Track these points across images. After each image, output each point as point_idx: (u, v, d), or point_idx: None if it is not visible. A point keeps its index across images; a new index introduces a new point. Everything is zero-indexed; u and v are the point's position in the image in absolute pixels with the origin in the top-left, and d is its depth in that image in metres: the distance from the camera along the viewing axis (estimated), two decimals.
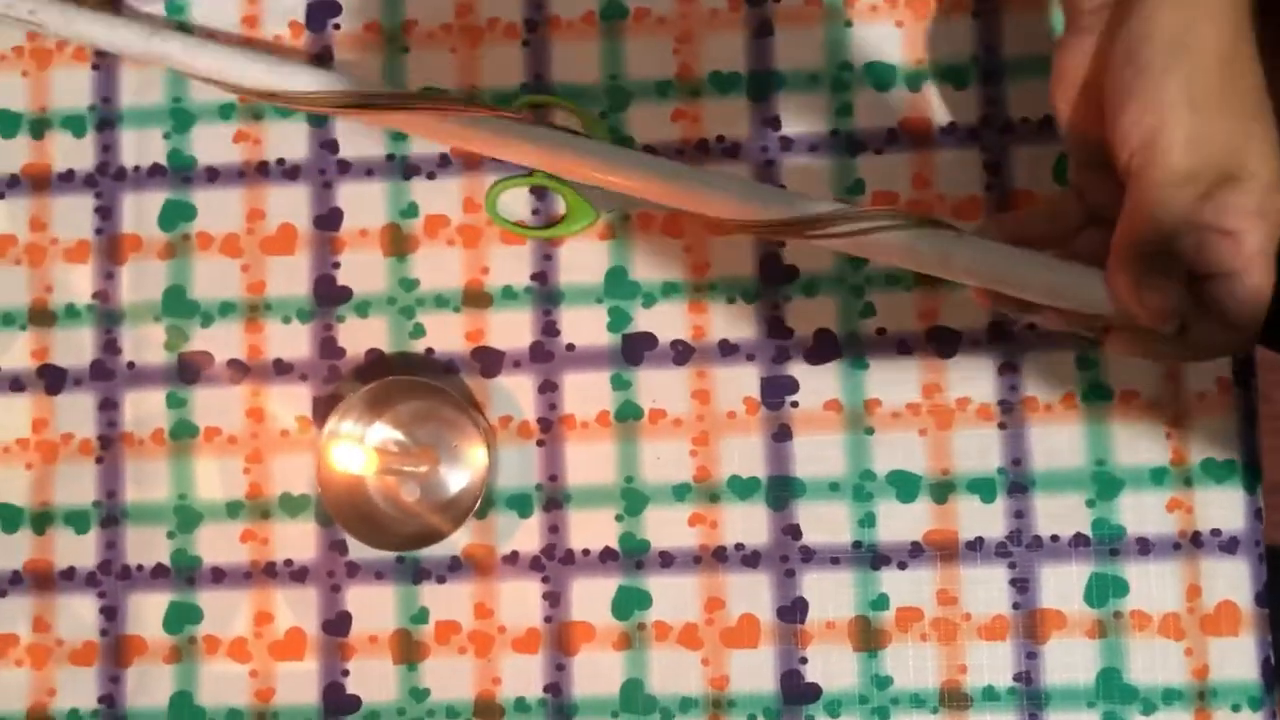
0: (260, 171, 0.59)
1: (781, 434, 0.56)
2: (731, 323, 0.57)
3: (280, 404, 0.58)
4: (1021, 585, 0.55)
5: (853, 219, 0.48)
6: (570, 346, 0.57)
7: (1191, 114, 0.40)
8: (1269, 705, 0.53)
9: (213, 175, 0.59)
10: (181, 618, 0.57)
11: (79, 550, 0.58)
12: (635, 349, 0.57)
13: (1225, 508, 0.54)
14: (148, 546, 0.58)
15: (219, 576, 0.57)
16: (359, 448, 0.49)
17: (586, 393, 0.57)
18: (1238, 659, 0.53)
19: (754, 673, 0.55)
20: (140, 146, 0.59)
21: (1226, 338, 0.43)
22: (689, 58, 0.58)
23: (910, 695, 0.54)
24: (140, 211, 0.59)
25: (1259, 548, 0.54)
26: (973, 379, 0.55)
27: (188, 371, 0.58)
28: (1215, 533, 0.54)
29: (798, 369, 0.56)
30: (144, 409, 0.58)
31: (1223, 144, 0.41)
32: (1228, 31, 0.41)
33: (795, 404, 0.56)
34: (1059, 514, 0.55)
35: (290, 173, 0.59)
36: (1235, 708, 0.53)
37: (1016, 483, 0.55)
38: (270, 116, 0.59)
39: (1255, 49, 0.42)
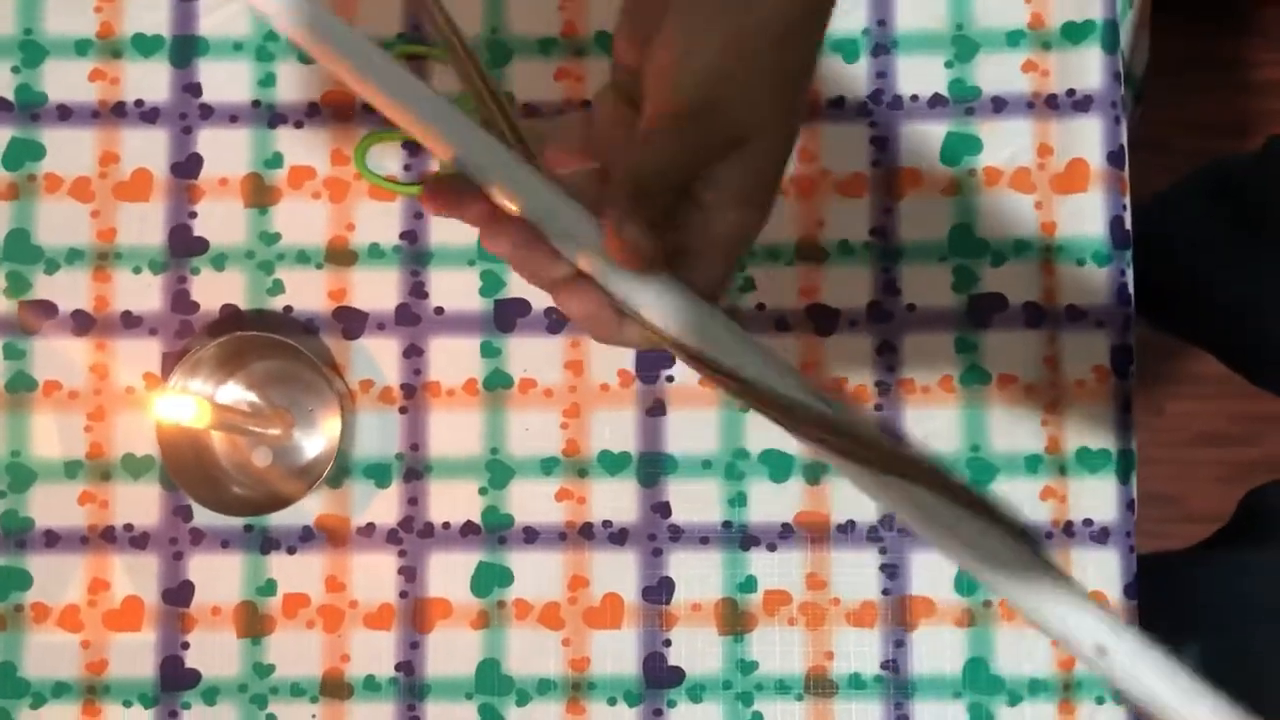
0: (116, 112, 0.55)
1: (655, 409, 0.54)
2: None
3: (127, 359, 0.54)
4: (892, 571, 0.53)
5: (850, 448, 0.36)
6: (439, 310, 0.55)
7: (721, 53, 0.35)
8: None
9: (64, 114, 0.55)
10: (8, 583, 0.54)
11: None
12: (507, 315, 0.55)
13: (1098, 498, 0.53)
14: None
15: (52, 540, 0.54)
16: (189, 397, 0.46)
17: (454, 359, 0.54)
18: None
19: (616, 655, 0.53)
20: None
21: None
22: (574, 14, 0.55)
23: (775, 681, 0.53)
24: None
25: (1129, 539, 0.53)
26: (850, 359, 0.54)
27: (27, 322, 0.55)
28: (1087, 523, 0.53)
29: None
30: None
31: (742, 98, 0.36)
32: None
33: (670, 379, 0.54)
34: None
35: (149, 115, 0.55)
36: (1100, 701, 0.52)
37: None
38: (130, 55, 0.56)
39: (818, 30, 0.38)
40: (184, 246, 0.55)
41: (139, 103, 0.55)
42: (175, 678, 0.53)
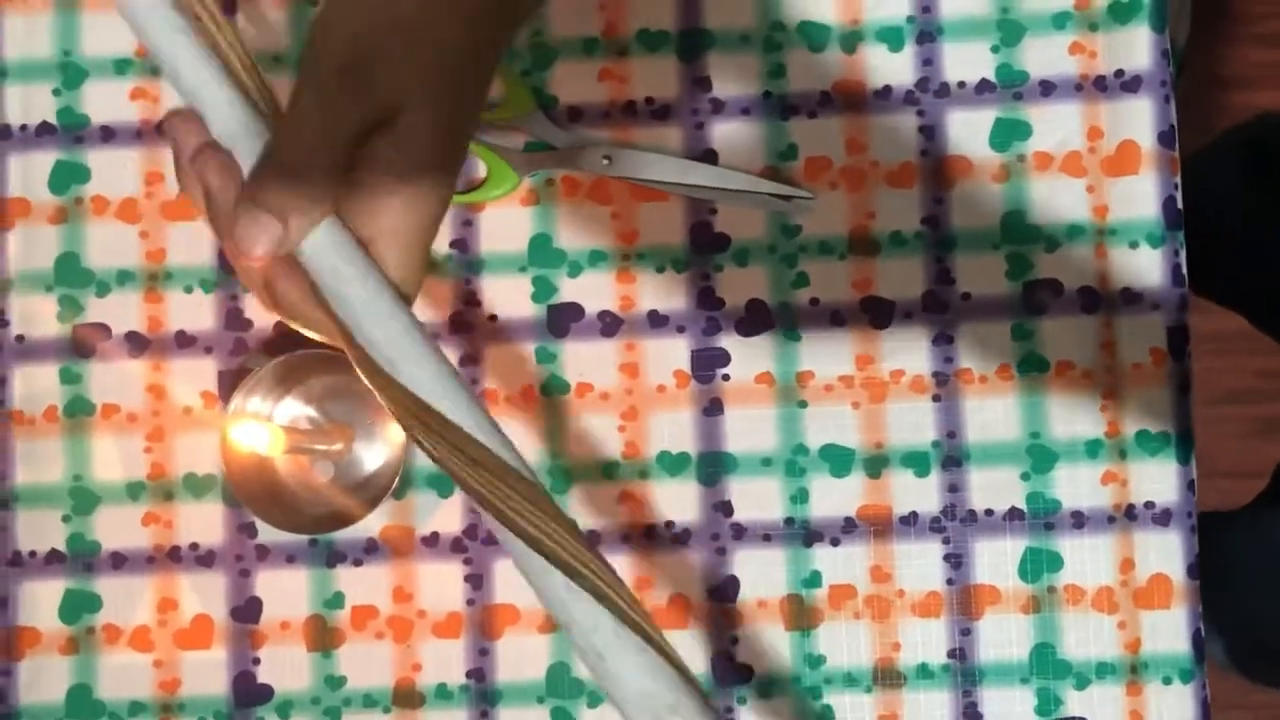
0: (159, 131, 0.55)
1: (713, 408, 0.54)
2: (661, 293, 0.55)
3: (183, 379, 0.54)
4: (955, 561, 0.53)
5: None
6: (492, 318, 0.55)
7: (371, 15, 0.34)
8: (1199, 677, 0.53)
9: (108, 135, 0.55)
10: (79, 606, 0.54)
11: None
12: (561, 320, 0.55)
13: (1159, 480, 0.53)
14: (41, 531, 0.54)
15: (119, 562, 0.54)
16: (263, 425, 0.47)
17: (509, 366, 0.54)
18: (1169, 631, 0.53)
19: (684, 654, 0.52)
20: (27, 103, 0.55)
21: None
22: (615, 14, 0.55)
23: (844, 674, 0.53)
24: (28, 173, 0.55)
25: (1191, 519, 0.53)
26: (907, 350, 0.54)
27: (82, 345, 0.55)
28: (1149, 505, 0.53)
29: (729, 341, 0.54)
30: (35, 385, 0.55)
31: (391, 66, 0.34)
32: None
33: (726, 377, 0.54)
34: (993, 488, 0.54)
35: None
36: (1166, 680, 0.53)
37: (951, 456, 0.54)
38: None
39: (497, 17, 0.37)
40: None
41: None
42: (248, 693, 0.54)
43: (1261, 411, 1.25)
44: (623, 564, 0.54)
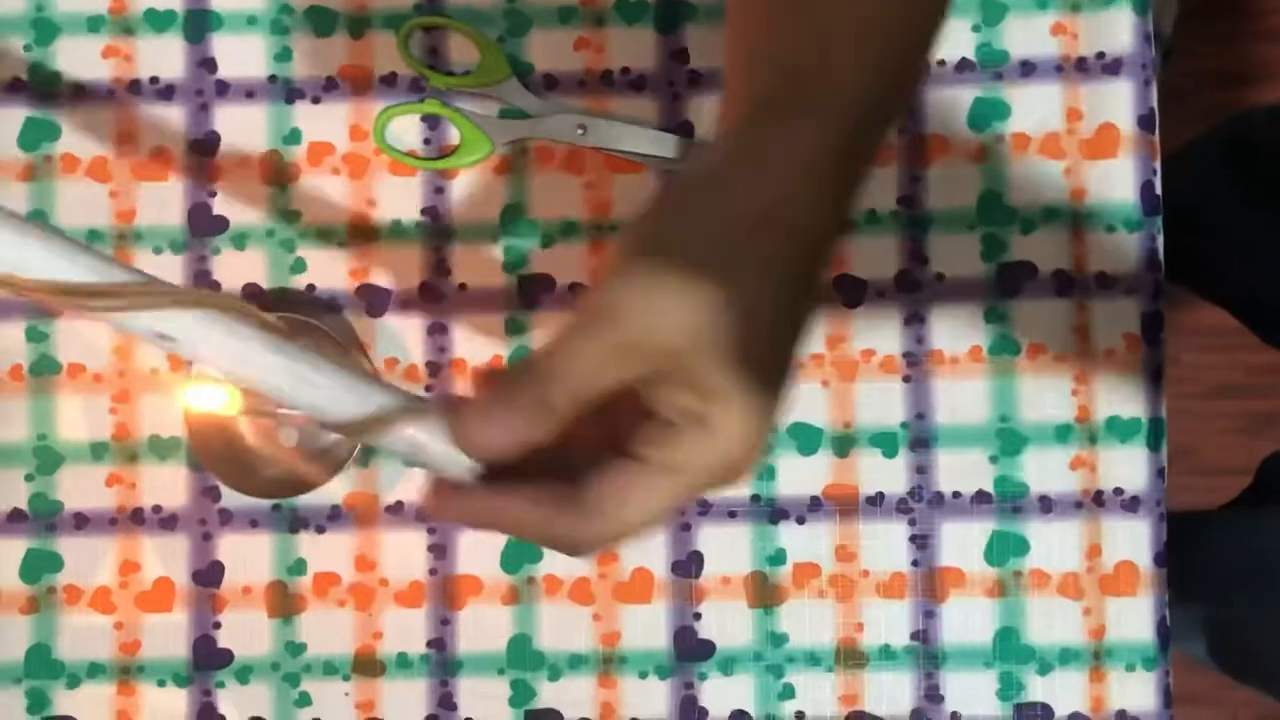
0: (132, 90, 0.55)
1: None
2: None
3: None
4: (921, 542, 0.53)
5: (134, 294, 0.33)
6: (462, 287, 0.54)
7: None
8: (1163, 665, 0.53)
9: (79, 93, 0.55)
10: (40, 566, 0.54)
11: None
12: (532, 291, 0.54)
13: (1128, 466, 0.53)
14: (3, 490, 0.54)
15: (81, 522, 0.54)
16: (219, 386, 0.46)
17: (479, 337, 0.54)
18: (1134, 619, 0.53)
19: (646, 628, 0.53)
20: None
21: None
22: None
23: (806, 653, 0.53)
24: None
25: (1160, 507, 0.53)
26: (878, 330, 0.54)
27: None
28: (1118, 492, 0.53)
29: None
30: (1, 343, 0.54)
31: (701, 304, 0.33)
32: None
33: None
34: (961, 470, 0.53)
35: (165, 93, 0.55)
36: (1130, 668, 0.53)
37: (919, 437, 0.53)
38: (143, 31, 0.55)
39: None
40: (204, 226, 0.54)
41: (154, 80, 0.55)
42: (208, 657, 0.54)
43: (1249, 407, 1.25)
44: None
